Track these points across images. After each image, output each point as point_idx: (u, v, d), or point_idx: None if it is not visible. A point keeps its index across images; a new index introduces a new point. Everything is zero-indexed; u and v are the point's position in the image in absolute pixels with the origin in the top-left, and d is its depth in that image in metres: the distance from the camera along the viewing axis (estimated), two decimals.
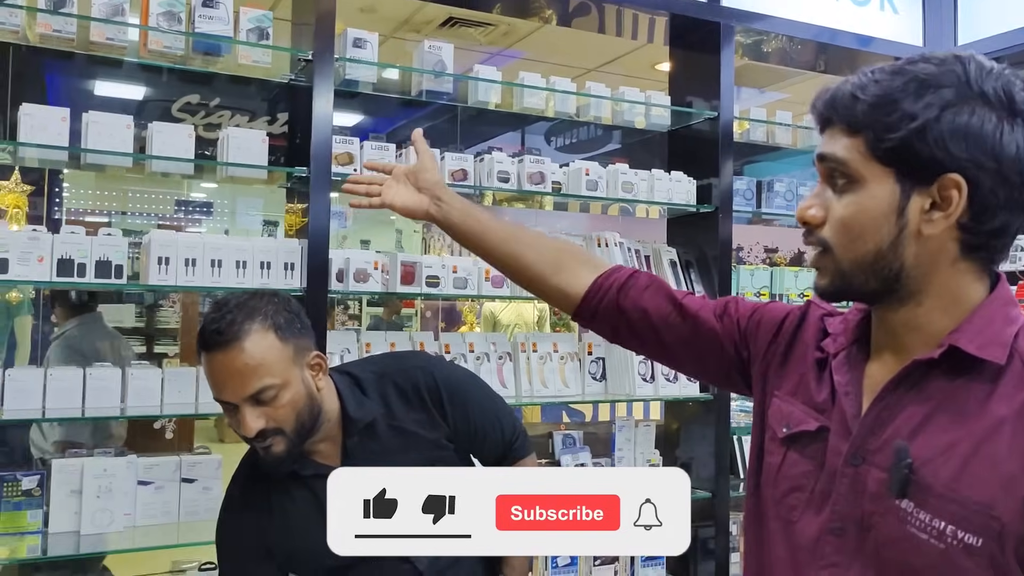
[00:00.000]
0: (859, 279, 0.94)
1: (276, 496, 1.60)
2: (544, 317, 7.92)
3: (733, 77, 3.13)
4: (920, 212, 0.89)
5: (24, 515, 2.24)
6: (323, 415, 1.57)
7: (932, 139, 0.87)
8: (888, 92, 0.90)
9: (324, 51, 2.43)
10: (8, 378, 2.22)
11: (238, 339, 1.45)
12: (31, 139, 2.19)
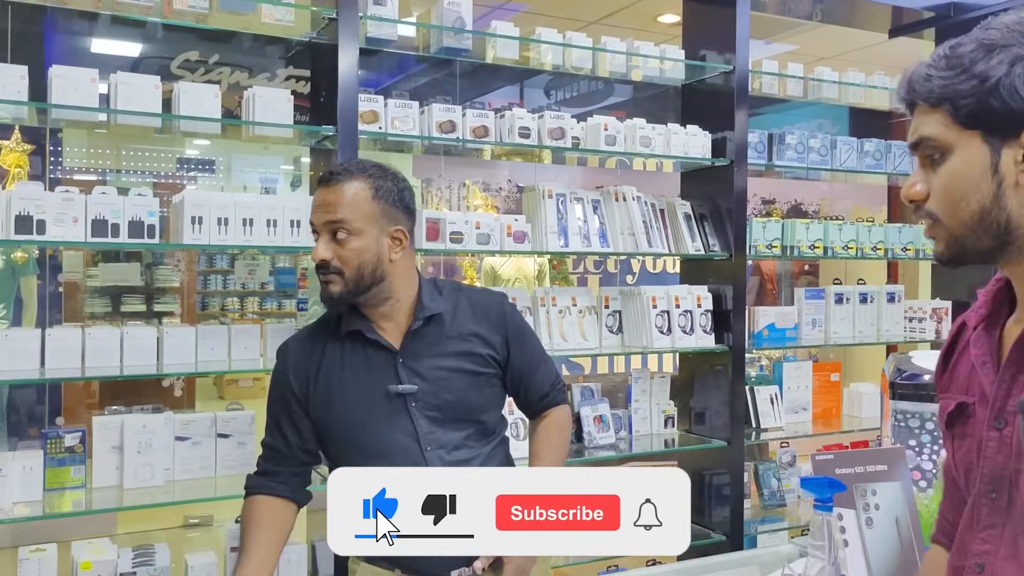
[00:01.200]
0: (971, 240, 0.98)
1: (331, 349, 1.75)
2: (544, 272, 7.96)
3: (749, 29, 3.14)
4: (1014, 164, 0.94)
5: (68, 471, 2.30)
6: (388, 288, 1.72)
7: (1007, 94, 0.91)
8: (958, 61, 0.95)
9: (348, 9, 2.43)
10: (48, 337, 2.25)
11: (341, 180, 1.68)
12: (62, 100, 2.19)
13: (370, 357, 1.72)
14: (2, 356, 2.21)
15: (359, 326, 1.72)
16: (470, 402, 1.75)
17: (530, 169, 6.27)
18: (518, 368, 1.84)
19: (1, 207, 2.12)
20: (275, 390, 1.80)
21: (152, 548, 2.39)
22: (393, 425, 1.69)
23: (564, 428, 1.92)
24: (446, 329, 1.76)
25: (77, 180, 6.71)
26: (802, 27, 4.61)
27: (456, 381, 1.74)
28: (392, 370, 1.71)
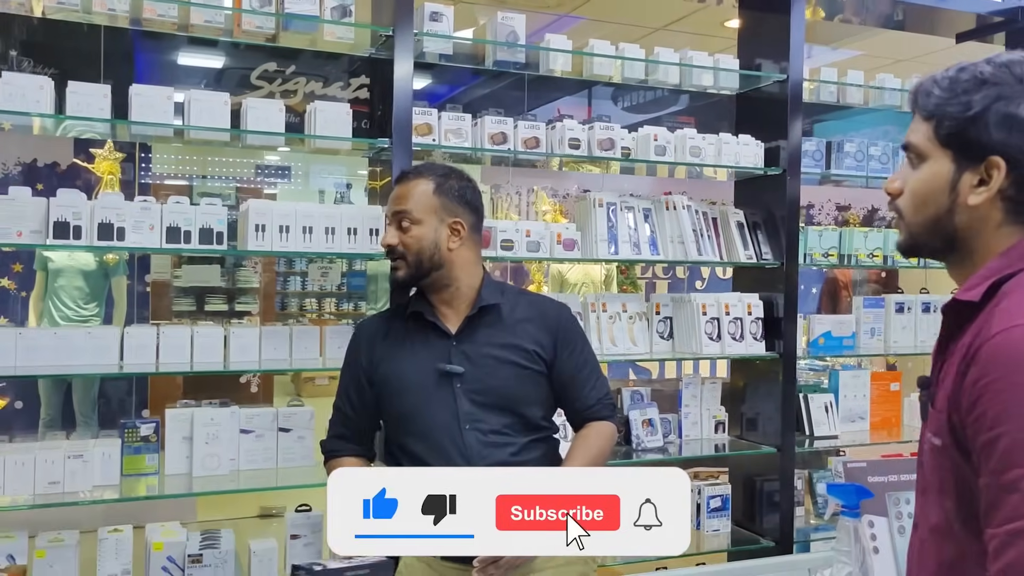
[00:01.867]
0: (923, 238, 1.14)
1: (397, 328, 1.97)
2: (611, 277, 7.99)
3: (803, 38, 3.15)
4: (969, 187, 1.08)
5: (143, 458, 2.49)
6: (449, 275, 1.92)
7: (981, 127, 1.05)
8: (953, 87, 1.08)
9: (404, 27, 2.56)
10: (126, 335, 2.45)
11: (409, 178, 1.94)
12: (141, 117, 2.38)
13: (428, 338, 1.92)
14: (86, 352, 2.41)
15: (421, 308, 1.93)
16: (513, 392, 1.89)
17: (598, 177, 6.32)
18: (565, 373, 1.94)
19: (86, 216, 2.32)
20: (348, 360, 2.03)
21: (218, 533, 2.56)
22: (438, 401, 1.87)
23: (604, 437, 1.97)
24: (501, 321, 1.93)
25: (165, 185, 7.09)
26: (867, 32, 4.54)
27: (502, 370, 1.88)
28: (446, 351, 1.89)
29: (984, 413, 0.98)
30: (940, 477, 1.09)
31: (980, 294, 1.06)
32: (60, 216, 2.29)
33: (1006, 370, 0.97)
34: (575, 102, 7.10)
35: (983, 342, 1.01)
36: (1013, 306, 1.02)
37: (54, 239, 2.29)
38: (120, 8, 2.42)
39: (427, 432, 1.86)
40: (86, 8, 2.44)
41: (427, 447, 1.86)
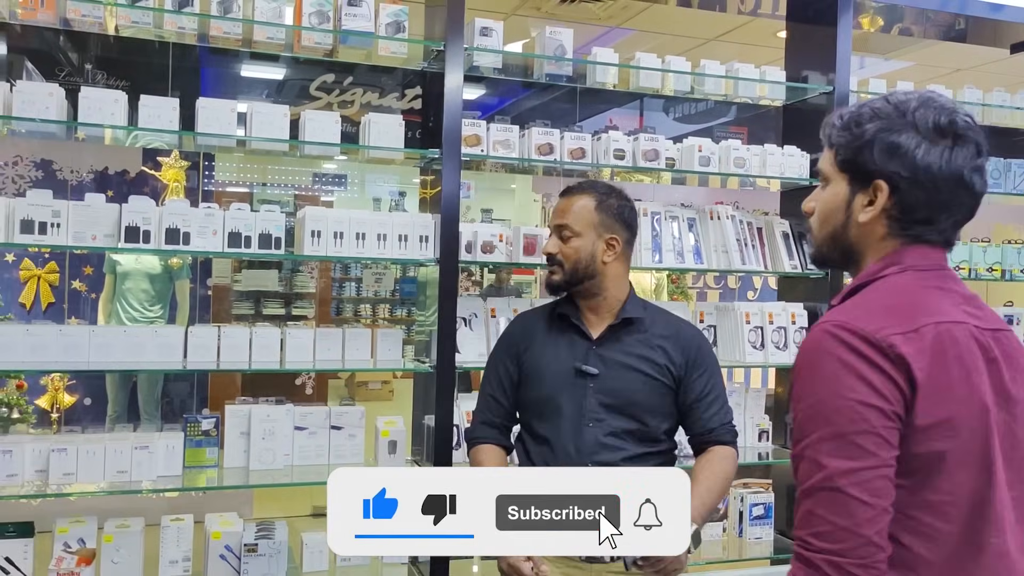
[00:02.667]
0: (826, 251, 1.31)
1: (546, 325, 2.11)
2: (661, 285, 8.01)
3: (850, 50, 3.16)
4: (860, 206, 1.23)
5: (203, 451, 2.62)
6: (599, 285, 2.04)
7: (867, 157, 1.20)
8: (849, 119, 1.24)
9: (455, 42, 2.66)
10: (190, 335, 2.59)
11: (572, 194, 2.07)
12: (207, 129, 2.53)
13: (572, 338, 2.06)
14: (152, 350, 2.55)
15: (568, 312, 2.07)
16: (638, 400, 2.00)
17: (648, 187, 6.37)
18: (692, 394, 2.03)
19: (155, 221, 2.47)
20: (500, 347, 2.17)
21: (273, 525, 2.68)
22: (570, 396, 2.00)
23: (728, 460, 2.03)
24: (640, 333, 2.05)
25: (227, 192, 7.34)
26: (919, 43, 4.51)
27: (632, 377, 2.00)
28: (585, 353, 2.03)
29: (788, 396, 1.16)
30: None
31: (840, 299, 1.23)
32: (131, 221, 2.44)
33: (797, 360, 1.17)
34: (626, 113, 7.16)
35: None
36: (836, 309, 1.19)
37: (125, 243, 2.44)
38: (188, 26, 2.57)
39: (553, 421, 2.00)
40: (157, 25, 2.60)
41: (552, 434, 2.00)
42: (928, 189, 1.18)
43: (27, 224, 2.37)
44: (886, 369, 1.09)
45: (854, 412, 1.08)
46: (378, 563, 2.81)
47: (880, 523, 1.07)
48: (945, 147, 1.17)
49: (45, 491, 2.42)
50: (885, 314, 1.13)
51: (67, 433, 2.61)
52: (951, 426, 1.10)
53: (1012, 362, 1.18)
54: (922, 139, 1.17)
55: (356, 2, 2.63)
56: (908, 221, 1.21)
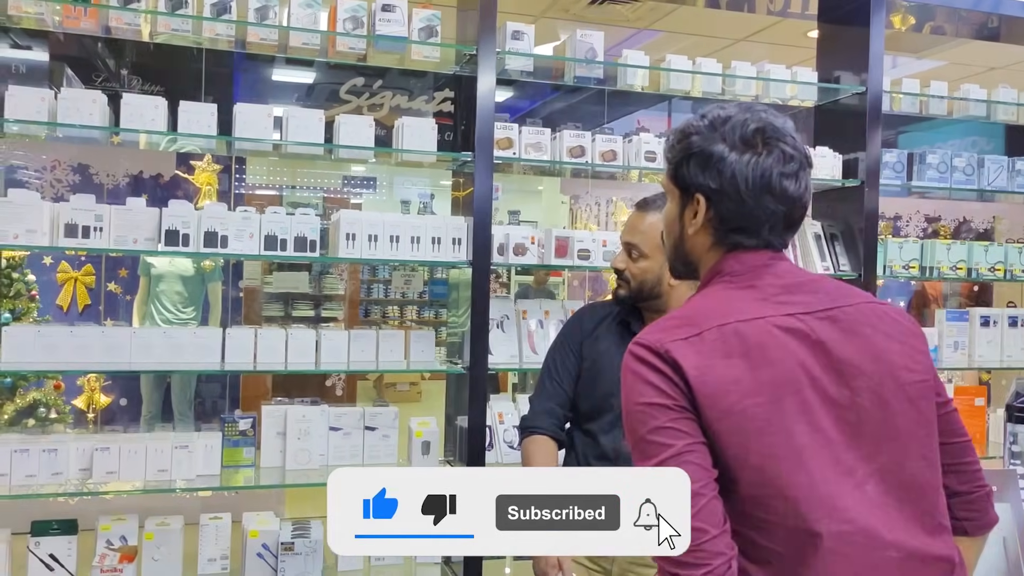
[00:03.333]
0: (673, 261, 1.36)
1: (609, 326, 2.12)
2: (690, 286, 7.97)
3: (882, 50, 3.14)
4: (689, 218, 1.27)
5: (240, 451, 2.67)
6: (665, 303, 2.04)
7: (683, 172, 1.25)
8: (673, 137, 1.29)
9: (487, 45, 2.68)
10: (228, 336, 2.63)
11: (645, 210, 2.05)
12: (244, 133, 2.57)
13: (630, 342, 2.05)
14: (191, 350, 2.60)
15: (630, 319, 2.10)
16: None
17: None
18: None
19: (193, 225, 2.51)
20: (566, 336, 2.17)
21: (308, 524, 2.72)
22: (619, 397, 1.97)
23: None
24: None
25: (257, 195, 7.43)
26: (952, 42, 4.47)
27: None
28: None
29: None
30: None
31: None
32: (171, 225, 2.49)
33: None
34: (654, 114, 7.14)
35: None
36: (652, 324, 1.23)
37: (165, 246, 2.48)
38: (226, 33, 2.62)
39: (603, 420, 2.03)
40: (196, 32, 2.65)
41: (600, 431, 2.03)
42: (735, 199, 1.22)
43: (71, 228, 2.43)
44: (665, 371, 1.15)
45: (644, 414, 1.15)
46: (411, 563, 2.84)
47: (693, 507, 1.06)
48: (752, 156, 1.21)
49: (87, 489, 2.47)
50: (677, 325, 1.19)
51: (109, 432, 2.66)
52: (741, 418, 1.12)
53: (852, 335, 1.19)
54: (730, 150, 1.21)
55: (390, 7, 2.66)
56: (725, 230, 1.25)
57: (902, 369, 1.20)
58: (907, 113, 3.55)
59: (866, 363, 1.18)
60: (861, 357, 1.18)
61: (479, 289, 2.68)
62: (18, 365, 2.53)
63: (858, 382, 1.17)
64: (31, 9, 2.57)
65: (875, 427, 1.17)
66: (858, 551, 1.11)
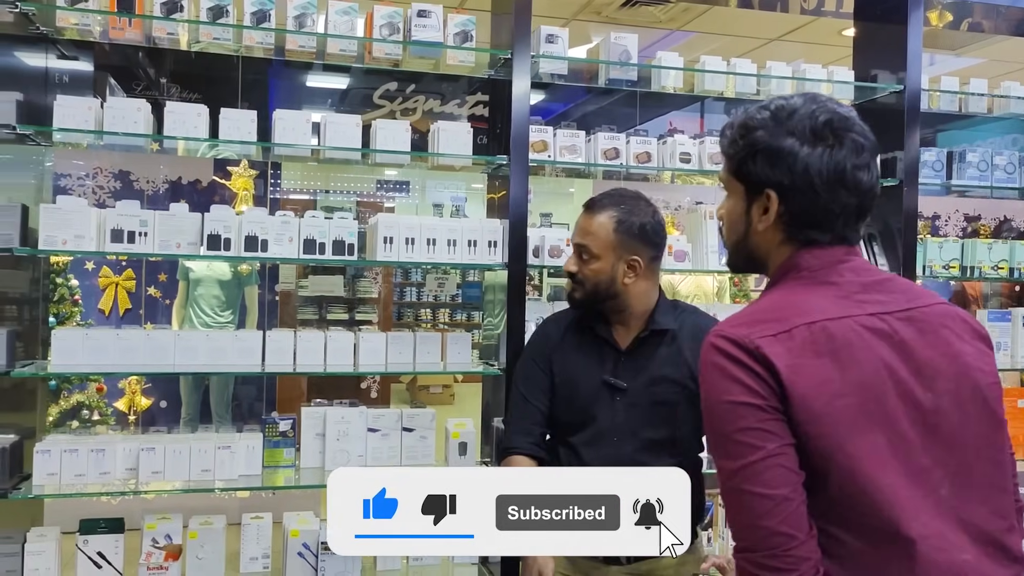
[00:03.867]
0: (734, 258, 1.35)
1: (575, 333, 2.09)
2: (724, 288, 7.92)
3: (920, 47, 3.11)
4: (757, 214, 1.26)
5: (281, 452, 2.71)
6: (622, 303, 2.01)
7: (751, 167, 1.24)
8: (734, 133, 1.28)
9: (521, 49, 2.70)
10: (268, 339, 2.68)
11: (595, 211, 2.02)
12: (283, 139, 2.61)
13: (601, 348, 2.04)
14: (232, 353, 2.65)
15: (595, 324, 2.05)
16: (669, 410, 1.97)
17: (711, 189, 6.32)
18: None
19: (234, 229, 2.56)
20: (531, 353, 2.14)
21: None
22: (599, 409, 1.99)
23: None
24: (669, 342, 2.02)
25: (293, 200, 7.52)
26: (991, 39, 4.40)
27: (662, 388, 1.98)
28: (613, 365, 2.00)
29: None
30: None
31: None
32: (213, 229, 2.54)
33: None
34: (687, 116, 7.12)
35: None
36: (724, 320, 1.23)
37: (207, 250, 2.53)
38: (265, 41, 2.66)
39: (585, 433, 1.98)
40: (235, 40, 2.70)
41: (583, 446, 1.99)
42: (809, 194, 1.21)
43: (117, 233, 2.49)
44: (755, 369, 1.12)
45: (732, 412, 1.12)
46: (448, 563, 2.86)
47: (783, 512, 1.08)
48: (824, 148, 1.19)
49: (134, 488, 2.53)
50: (762, 319, 1.18)
51: (154, 433, 2.72)
52: (832, 419, 1.12)
53: (930, 336, 1.19)
54: (800, 144, 1.20)
55: (425, 13, 2.69)
56: (798, 226, 1.24)
57: (976, 371, 1.19)
58: (946, 111, 3.50)
59: (944, 365, 1.18)
60: (940, 359, 1.18)
61: (515, 291, 2.69)
62: (67, 368, 2.59)
63: (939, 384, 1.17)
64: (77, 20, 2.63)
65: (951, 429, 1.16)
66: (937, 554, 1.12)
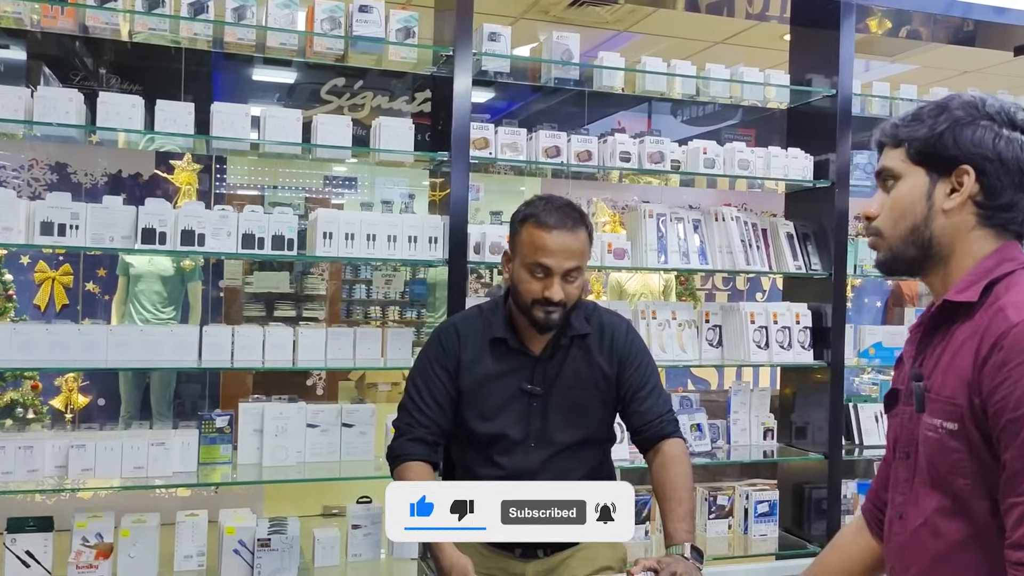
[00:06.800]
0: (901, 249, 1.28)
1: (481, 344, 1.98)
2: (670, 287, 8.02)
3: (852, 53, 3.20)
4: (943, 195, 1.24)
5: (218, 448, 2.68)
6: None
7: (949, 142, 1.22)
8: (917, 116, 1.27)
9: (463, 47, 2.71)
10: (205, 334, 2.65)
11: (581, 226, 1.89)
12: (221, 133, 2.59)
13: (515, 355, 1.98)
14: (168, 348, 2.61)
15: (506, 336, 1.97)
16: (582, 414, 1.98)
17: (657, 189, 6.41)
18: (626, 388, 1.99)
19: (170, 223, 2.53)
20: (430, 359, 2.00)
21: (285, 520, 2.73)
22: (514, 417, 1.96)
23: (680, 460, 1.93)
24: (581, 346, 1.99)
25: (238, 195, 7.41)
26: (924, 46, 4.55)
27: (578, 393, 1.97)
28: (529, 371, 1.97)
29: (1009, 394, 1.11)
30: (950, 460, 1.19)
31: (978, 293, 1.20)
32: (148, 223, 2.50)
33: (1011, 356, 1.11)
34: (634, 116, 7.20)
35: (1005, 331, 1.13)
36: (1021, 301, 1.15)
37: (142, 244, 2.50)
38: (203, 32, 2.63)
39: (500, 443, 1.96)
40: (173, 31, 2.66)
41: (500, 455, 1.96)
42: (1012, 171, 1.20)
43: (47, 226, 2.44)
44: None
45: None
46: (389, 559, 2.86)
47: None
48: (1017, 137, 1.20)
49: (64, 486, 2.48)
50: None
51: (85, 430, 2.67)
52: None
53: None
54: (1000, 127, 1.20)
55: (367, 8, 2.69)
56: (992, 208, 1.22)
57: None
58: (880, 116, 3.61)
59: None
60: None
61: (455, 287, 2.71)
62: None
63: None
64: (9, 8, 2.57)
65: None
66: None
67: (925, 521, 1.23)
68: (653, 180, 3.48)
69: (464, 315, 2.10)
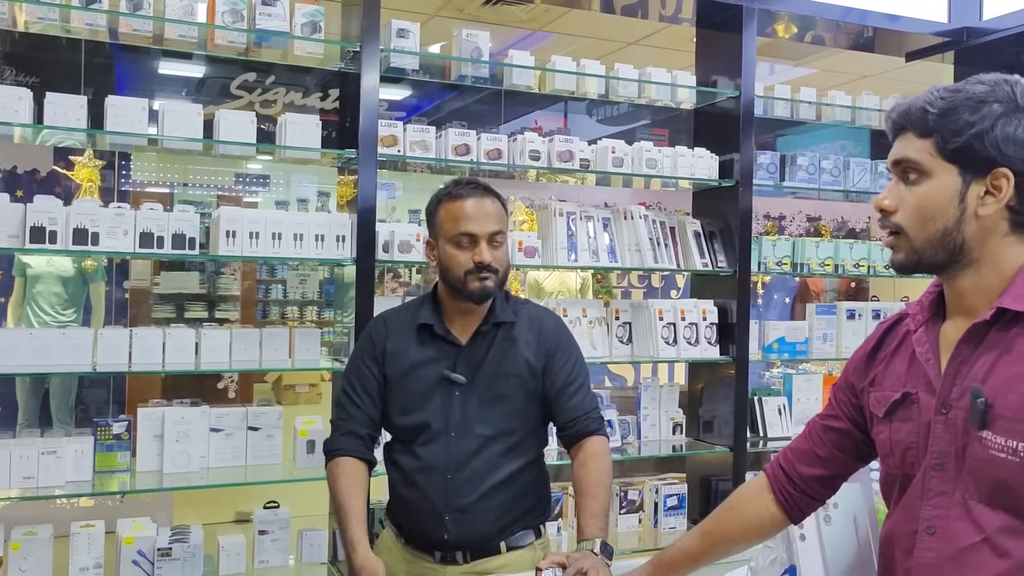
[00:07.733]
0: (928, 253, 1.18)
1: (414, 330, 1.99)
2: (587, 285, 8.12)
3: (755, 57, 3.29)
4: (977, 198, 1.14)
5: (115, 456, 2.58)
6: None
7: (988, 142, 1.12)
8: (952, 106, 1.14)
9: (371, 43, 2.68)
10: (100, 337, 2.54)
11: (490, 192, 1.95)
12: (116, 127, 2.49)
13: (439, 343, 1.97)
14: (59, 352, 2.50)
15: (431, 322, 1.97)
16: (506, 406, 1.95)
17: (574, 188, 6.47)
18: (555, 383, 1.98)
19: (62, 221, 2.42)
20: (361, 352, 2.03)
21: (188, 528, 2.65)
22: (436, 406, 1.93)
23: (602, 457, 1.94)
24: (507, 336, 1.97)
25: (145, 193, 7.15)
26: (827, 51, 4.72)
27: (502, 383, 1.95)
28: (453, 360, 1.95)
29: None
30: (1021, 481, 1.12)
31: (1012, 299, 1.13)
32: (36, 221, 2.39)
33: None
34: (551, 115, 7.24)
35: None
36: None
37: (31, 243, 2.38)
38: (98, 22, 2.53)
39: (423, 433, 1.93)
40: (64, 20, 2.55)
41: (422, 446, 1.93)
42: None
43: None
44: None
45: None
46: (298, 565, 2.81)
47: None
48: None
49: None
50: None
51: None
52: None
53: None
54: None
55: (270, 1, 2.63)
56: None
57: None
58: (781, 117, 3.72)
59: None
60: None
61: (363, 286, 2.67)
62: None
63: None
64: None
65: None
66: None
67: (986, 539, 1.14)
68: (569, 179, 3.51)
69: (395, 308, 2.12)
